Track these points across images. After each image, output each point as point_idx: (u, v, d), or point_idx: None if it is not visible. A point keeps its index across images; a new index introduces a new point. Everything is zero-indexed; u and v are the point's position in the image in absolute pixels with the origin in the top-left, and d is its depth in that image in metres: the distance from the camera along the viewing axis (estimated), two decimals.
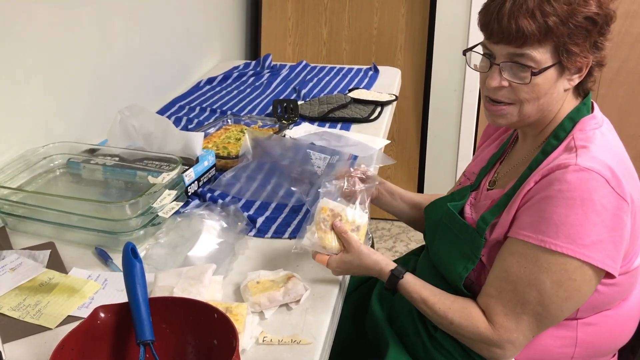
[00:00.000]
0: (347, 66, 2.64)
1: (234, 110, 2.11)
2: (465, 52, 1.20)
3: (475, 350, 1.16)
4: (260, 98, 2.26)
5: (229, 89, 2.36)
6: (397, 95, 2.26)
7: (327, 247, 1.19)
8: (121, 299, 0.97)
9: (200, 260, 1.22)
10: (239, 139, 1.78)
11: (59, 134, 1.65)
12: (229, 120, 1.92)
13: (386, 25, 3.00)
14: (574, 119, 1.16)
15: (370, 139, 1.83)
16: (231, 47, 2.91)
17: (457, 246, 1.22)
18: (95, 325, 0.93)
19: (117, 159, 1.50)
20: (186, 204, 1.44)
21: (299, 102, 2.12)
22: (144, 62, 2.10)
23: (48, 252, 1.28)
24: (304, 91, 2.29)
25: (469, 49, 1.19)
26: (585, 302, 1.12)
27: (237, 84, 2.42)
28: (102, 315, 0.93)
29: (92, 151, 1.54)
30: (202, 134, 1.55)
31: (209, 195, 1.50)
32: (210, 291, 1.12)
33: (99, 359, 0.93)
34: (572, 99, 1.18)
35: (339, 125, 1.98)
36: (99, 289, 1.17)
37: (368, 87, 2.35)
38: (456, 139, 3.14)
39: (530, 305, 1.08)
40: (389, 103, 2.14)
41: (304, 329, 1.07)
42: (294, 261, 1.26)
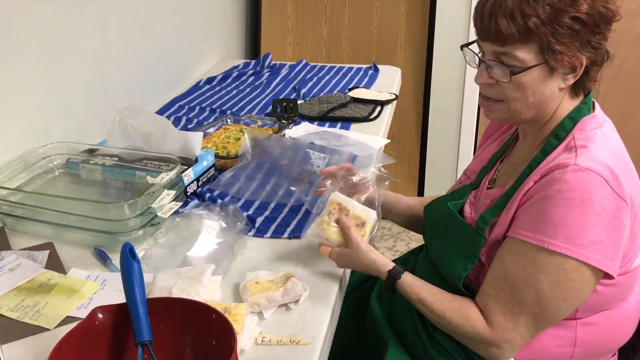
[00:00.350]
0: (347, 65, 2.63)
1: (234, 110, 2.11)
2: (462, 47, 1.22)
3: (473, 350, 1.16)
4: (259, 97, 2.25)
5: (228, 88, 2.36)
6: (397, 94, 2.25)
7: (329, 239, 1.23)
8: (120, 299, 0.97)
9: (199, 260, 1.22)
10: (239, 138, 1.78)
11: (58, 134, 1.65)
12: (228, 120, 1.91)
13: (386, 24, 2.99)
14: (574, 118, 1.15)
15: (370, 139, 1.83)
16: (231, 47, 2.90)
17: (456, 246, 1.21)
18: (93, 326, 0.93)
19: (116, 159, 1.50)
20: (185, 204, 1.44)
21: (299, 102, 2.11)
22: (143, 61, 2.10)
23: (47, 252, 1.27)
24: (303, 90, 2.28)
25: (465, 44, 1.21)
26: (584, 302, 1.12)
27: (237, 83, 2.42)
28: (100, 316, 0.93)
29: (91, 151, 1.54)
30: (201, 133, 1.55)
31: (208, 195, 1.49)
32: (209, 291, 1.12)
33: None
34: (570, 98, 1.17)
35: (338, 125, 1.98)
36: (98, 289, 1.17)
37: (368, 86, 2.35)
38: (456, 137, 3.14)
39: (528, 305, 1.08)
40: (389, 102, 2.14)
41: (303, 329, 1.06)
42: (293, 261, 1.26)
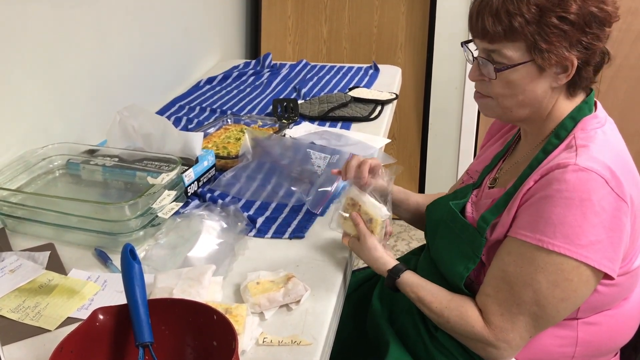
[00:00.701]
0: (347, 65, 2.63)
1: (234, 110, 2.11)
2: (462, 44, 1.22)
3: (472, 349, 1.16)
4: (260, 97, 2.25)
5: (228, 88, 2.36)
6: (398, 93, 2.25)
7: (347, 231, 1.30)
8: (121, 300, 0.97)
9: (199, 261, 1.21)
10: (239, 138, 1.78)
11: (58, 134, 1.64)
12: (228, 120, 1.91)
13: (386, 23, 2.99)
14: (575, 118, 1.15)
15: (371, 138, 1.83)
16: (231, 47, 2.90)
17: (457, 245, 1.21)
18: (94, 327, 0.92)
19: (116, 159, 1.50)
20: (186, 205, 1.44)
21: (299, 102, 2.11)
22: (143, 62, 2.10)
23: (47, 253, 1.27)
24: (304, 90, 2.28)
25: (464, 42, 1.22)
26: (585, 303, 1.11)
27: (237, 83, 2.42)
28: (101, 317, 0.93)
29: (91, 152, 1.54)
30: (202, 134, 1.55)
31: (208, 195, 1.49)
32: (209, 292, 1.12)
33: None
34: (566, 98, 1.16)
35: (339, 125, 1.97)
36: (99, 290, 1.17)
37: (368, 85, 2.34)
38: (457, 137, 3.13)
39: (526, 305, 1.08)
40: (389, 102, 2.14)
41: (304, 329, 1.06)
42: (293, 261, 1.26)
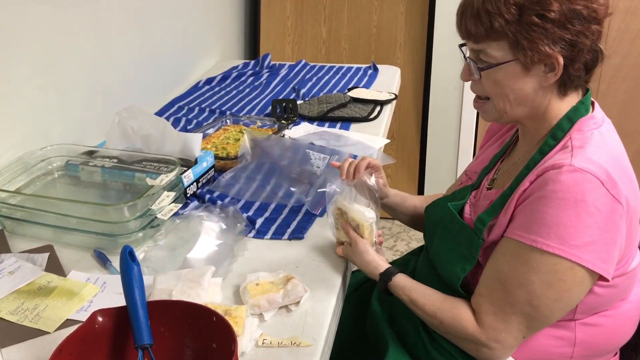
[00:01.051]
0: (346, 65, 2.63)
1: (233, 111, 2.11)
2: (460, 46, 1.24)
3: (466, 351, 1.16)
4: (259, 98, 2.25)
5: (227, 89, 2.36)
6: (397, 94, 2.25)
7: (342, 239, 1.31)
8: (120, 301, 0.97)
9: (199, 262, 1.21)
10: (238, 139, 1.78)
11: (56, 136, 1.64)
12: (227, 121, 1.91)
13: (385, 23, 2.99)
14: (572, 118, 1.14)
15: (370, 138, 1.83)
16: (230, 47, 2.90)
17: (455, 247, 1.21)
18: (93, 330, 0.92)
19: (115, 160, 1.50)
20: (185, 206, 1.44)
21: (298, 102, 2.11)
22: (142, 62, 2.10)
23: (46, 255, 1.27)
24: (303, 91, 2.28)
25: (461, 44, 1.23)
26: (582, 304, 1.11)
27: (236, 84, 2.42)
28: (100, 319, 0.93)
29: (90, 153, 1.54)
30: (201, 134, 1.55)
31: (208, 196, 1.49)
32: (209, 293, 1.12)
33: None
34: (559, 97, 1.15)
35: (338, 125, 1.97)
36: (98, 292, 1.17)
37: (367, 86, 2.34)
38: (456, 136, 3.13)
39: (520, 305, 1.07)
40: (388, 102, 2.13)
41: (303, 331, 1.06)
42: (293, 262, 1.25)
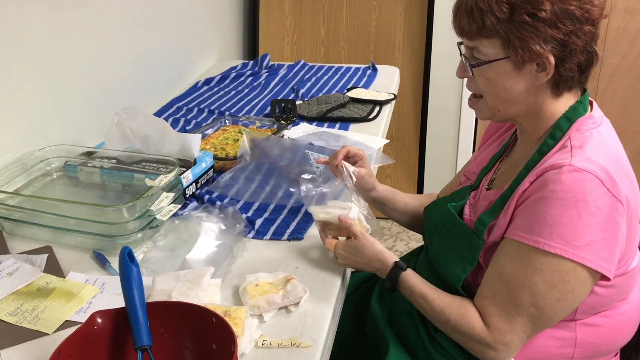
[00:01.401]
0: (345, 65, 2.63)
1: (232, 111, 2.10)
2: (458, 44, 1.24)
3: (470, 351, 1.15)
4: (258, 98, 2.25)
5: (226, 89, 2.35)
6: (396, 94, 2.25)
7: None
8: (119, 303, 0.97)
9: (198, 263, 1.21)
10: (237, 139, 1.77)
11: (55, 136, 1.64)
12: (226, 121, 1.91)
13: (384, 23, 2.98)
14: (570, 118, 1.14)
15: (369, 139, 1.82)
16: (229, 47, 2.90)
17: (455, 247, 1.21)
18: (92, 331, 0.92)
19: (114, 161, 1.49)
20: (184, 206, 1.44)
21: (297, 102, 2.11)
22: (140, 63, 2.09)
23: (45, 256, 1.27)
24: (302, 91, 2.28)
25: (459, 42, 1.23)
26: (582, 304, 1.11)
27: (235, 84, 2.41)
28: (99, 320, 0.93)
29: (89, 154, 1.53)
30: (200, 135, 1.54)
31: (207, 197, 1.49)
32: (208, 294, 1.11)
33: None
34: (553, 97, 1.15)
35: (337, 125, 1.97)
36: (97, 293, 1.16)
37: (366, 86, 2.34)
38: (455, 136, 3.13)
39: (524, 306, 1.07)
40: (387, 102, 2.13)
41: (303, 331, 1.06)
42: (292, 263, 1.25)
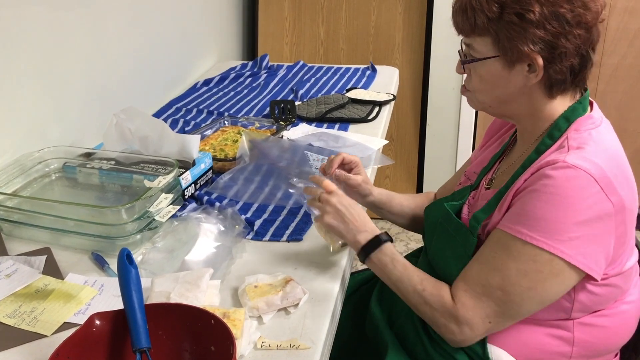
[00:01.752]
0: (344, 66, 2.62)
1: (231, 112, 2.10)
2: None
3: (434, 327, 1.16)
4: (257, 99, 2.24)
5: (225, 90, 2.35)
6: (395, 94, 2.24)
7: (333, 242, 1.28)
8: (118, 304, 0.96)
9: (197, 264, 1.21)
10: (236, 140, 1.77)
11: (54, 138, 1.63)
12: (226, 122, 1.90)
13: (383, 23, 2.98)
14: (569, 118, 1.15)
15: (369, 139, 1.82)
16: (228, 48, 2.89)
17: (451, 246, 1.21)
18: (90, 333, 0.92)
19: (113, 162, 1.49)
20: (183, 208, 1.43)
21: (297, 103, 2.11)
22: (139, 64, 2.09)
23: (44, 257, 1.26)
24: (301, 92, 2.27)
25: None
26: (577, 302, 1.12)
27: (234, 85, 2.41)
28: (98, 322, 0.93)
29: (87, 155, 1.53)
30: (199, 136, 1.54)
31: (206, 198, 1.48)
32: (207, 296, 1.11)
33: None
34: (547, 98, 1.15)
35: (336, 126, 1.97)
36: (96, 294, 1.16)
37: (366, 86, 2.34)
38: (455, 137, 3.13)
39: (491, 288, 1.09)
40: (387, 103, 2.13)
41: (302, 333, 1.05)
42: (292, 264, 1.25)
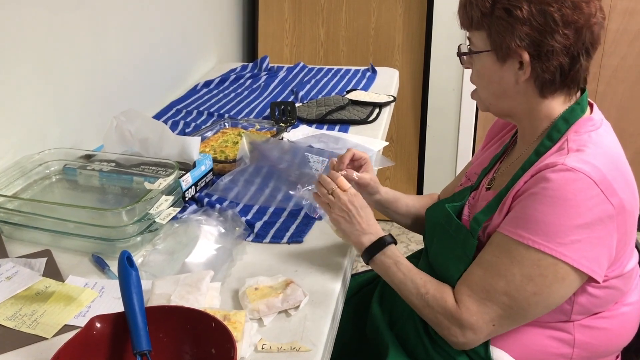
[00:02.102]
0: (344, 67, 2.62)
1: (231, 114, 2.10)
2: None
3: (438, 330, 1.15)
4: (257, 101, 2.24)
5: (226, 91, 2.35)
6: (395, 96, 2.24)
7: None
8: (119, 307, 0.96)
9: (197, 266, 1.21)
10: (237, 142, 1.77)
11: (54, 140, 1.63)
12: (226, 124, 1.90)
13: (383, 25, 2.98)
14: (568, 119, 1.15)
15: (369, 141, 1.82)
16: (228, 50, 2.90)
17: (451, 247, 1.21)
18: (91, 336, 0.92)
19: (113, 164, 1.49)
20: (183, 210, 1.43)
21: (297, 105, 2.11)
22: (139, 66, 2.09)
23: (44, 260, 1.26)
24: (301, 93, 2.27)
25: None
26: (577, 305, 1.12)
27: (235, 86, 2.41)
28: (98, 325, 0.93)
29: (88, 157, 1.53)
30: (199, 138, 1.54)
31: (206, 200, 1.48)
32: (208, 298, 1.11)
33: None
34: (540, 97, 1.15)
35: (337, 127, 1.97)
36: (96, 297, 1.16)
37: (366, 88, 2.34)
38: (455, 138, 3.13)
39: (496, 294, 1.08)
40: (387, 104, 2.13)
41: (303, 335, 1.05)
42: (292, 266, 1.25)
